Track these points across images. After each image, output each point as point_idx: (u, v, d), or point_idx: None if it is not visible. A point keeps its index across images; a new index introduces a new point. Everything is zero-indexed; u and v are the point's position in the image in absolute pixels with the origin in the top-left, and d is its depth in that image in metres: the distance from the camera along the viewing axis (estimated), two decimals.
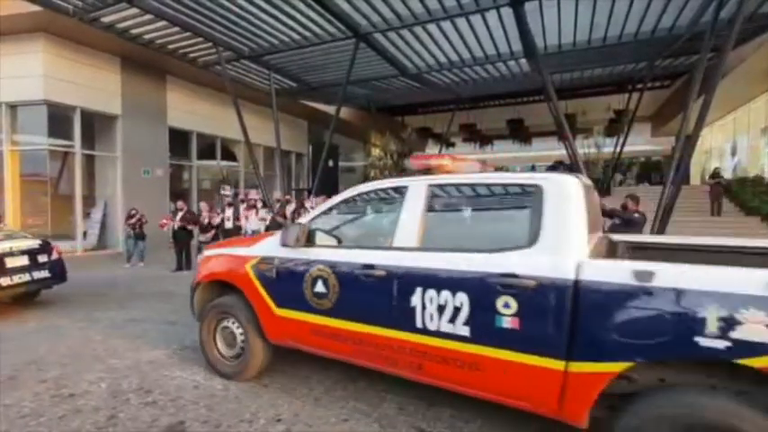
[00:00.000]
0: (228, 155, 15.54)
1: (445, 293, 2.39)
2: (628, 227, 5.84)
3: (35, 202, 10.10)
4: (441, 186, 2.78)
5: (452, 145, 22.75)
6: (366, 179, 21.68)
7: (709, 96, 6.24)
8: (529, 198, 2.40)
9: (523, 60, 10.02)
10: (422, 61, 10.43)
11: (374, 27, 8.17)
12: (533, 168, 22.62)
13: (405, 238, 2.67)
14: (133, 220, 9.27)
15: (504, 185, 2.69)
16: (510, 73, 11.30)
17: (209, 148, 14.50)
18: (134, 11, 7.39)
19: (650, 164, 26.10)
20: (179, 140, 13.11)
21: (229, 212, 8.83)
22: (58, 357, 3.99)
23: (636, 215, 5.76)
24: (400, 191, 2.86)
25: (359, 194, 3.12)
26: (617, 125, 15.22)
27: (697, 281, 1.83)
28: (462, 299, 2.33)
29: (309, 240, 3.04)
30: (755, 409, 1.73)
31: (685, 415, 1.82)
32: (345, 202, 3.15)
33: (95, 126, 11.07)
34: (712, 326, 1.75)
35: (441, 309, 2.40)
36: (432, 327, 2.43)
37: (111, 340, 4.45)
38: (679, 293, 1.84)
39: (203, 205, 9.21)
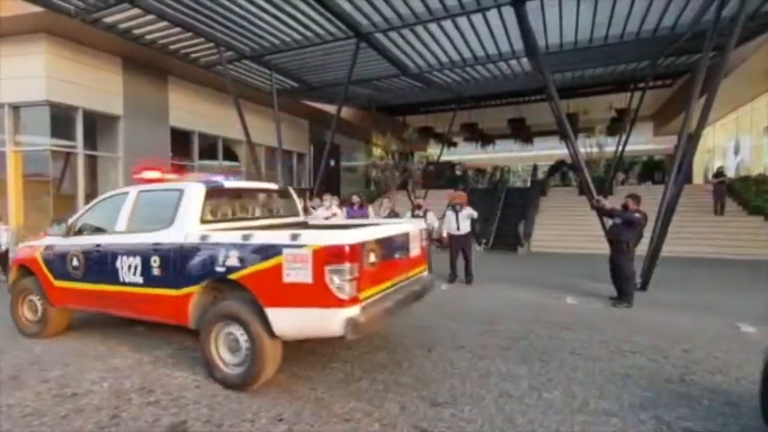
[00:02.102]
0: (230, 155, 15.56)
1: (131, 258, 3.83)
2: (629, 226, 5.85)
3: (38, 202, 10.13)
4: (144, 191, 4.16)
5: (454, 144, 22.76)
6: (368, 179, 21.75)
7: (711, 95, 6.22)
8: (177, 196, 3.80)
9: (525, 59, 10.00)
10: (423, 61, 10.43)
11: (375, 27, 8.17)
12: (535, 168, 22.58)
13: (119, 226, 4.09)
14: None
15: (172, 189, 3.98)
16: (511, 72, 11.28)
17: (210, 148, 14.52)
18: (136, 11, 7.40)
19: (652, 163, 26.02)
20: (181, 140, 13.12)
21: None
22: (60, 357, 4.00)
23: (636, 215, 5.79)
24: (123, 195, 4.25)
25: (105, 198, 4.53)
26: (619, 124, 15.19)
27: (222, 237, 3.42)
28: (138, 261, 3.79)
29: (77, 231, 4.36)
30: (244, 303, 3.24)
31: (225, 311, 3.33)
32: (97, 203, 4.53)
33: (97, 126, 11.09)
34: (222, 260, 3.32)
35: (129, 267, 3.84)
36: (127, 279, 3.86)
37: (112, 340, 4.46)
38: (215, 245, 3.40)
39: None
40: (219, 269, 3.32)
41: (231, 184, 4.27)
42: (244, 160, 15.72)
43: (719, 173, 12.83)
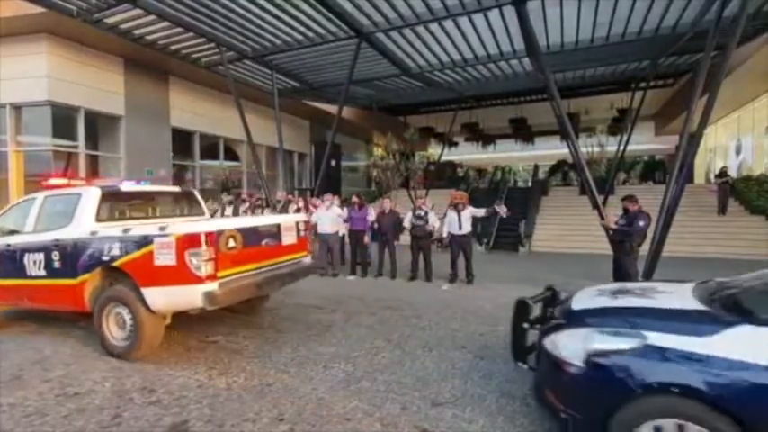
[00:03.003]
0: (231, 155, 15.58)
1: (36, 255, 4.41)
2: (632, 226, 5.93)
3: None
4: (50, 196, 4.75)
5: (455, 144, 22.75)
6: (369, 179, 21.76)
7: (712, 95, 6.20)
8: (76, 200, 4.39)
9: (526, 59, 9.99)
10: (424, 61, 10.42)
11: (376, 27, 8.16)
12: (536, 168, 22.52)
13: (28, 227, 4.63)
14: None
15: (73, 193, 4.57)
16: (512, 72, 11.26)
17: (211, 148, 14.54)
18: (137, 12, 7.41)
19: (654, 163, 25.99)
20: (182, 141, 13.15)
21: (229, 211, 8.84)
22: (62, 357, 4.01)
23: (641, 223, 5.85)
24: (32, 200, 4.81)
25: (16, 204, 5.15)
26: (620, 124, 15.16)
27: (107, 232, 4.03)
28: (41, 256, 4.36)
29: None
30: (127, 286, 3.89)
31: (113, 294, 4.00)
32: (9, 208, 5.13)
33: (99, 126, 11.11)
34: (107, 250, 3.92)
35: (35, 263, 4.41)
36: (33, 273, 4.44)
37: None
38: (102, 238, 4.00)
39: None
40: (105, 258, 3.95)
41: (129, 188, 4.90)
42: (245, 160, 15.75)
43: (723, 173, 12.72)
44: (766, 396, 1.81)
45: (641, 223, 5.84)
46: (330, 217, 8.12)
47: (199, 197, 5.51)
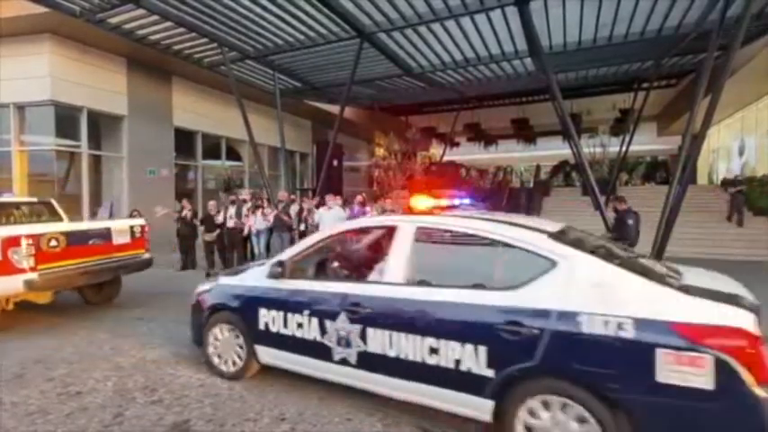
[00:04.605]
0: (233, 155, 15.60)
1: None
2: (624, 225, 6.29)
3: None
4: None
5: (457, 145, 22.72)
6: (371, 179, 21.75)
7: (716, 95, 6.19)
8: None
9: (528, 59, 9.98)
10: (426, 61, 10.41)
11: (378, 27, 8.17)
12: (538, 168, 22.51)
13: None
14: None
15: None
16: (515, 72, 11.25)
17: (214, 148, 14.57)
18: (140, 12, 7.43)
19: (656, 163, 25.93)
20: (184, 140, 13.17)
21: (232, 210, 8.85)
22: (65, 356, 4.02)
23: (630, 222, 6.12)
24: None
25: None
26: (622, 124, 15.13)
27: None
28: None
29: None
30: None
31: None
32: None
33: (102, 126, 11.15)
34: None
35: None
36: None
37: (116, 339, 4.48)
38: None
39: (211, 204, 9.21)
40: None
41: None
42: (247, 160, 15.77)
43: (737, 180, 12.24)
44: (249, 302, 3.35)
45: (630, 222, 6.10)
46: (332, 217, 8.12)
47: (56, 205, 6.32)
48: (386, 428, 2.72)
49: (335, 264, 3.60)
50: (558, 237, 2.56)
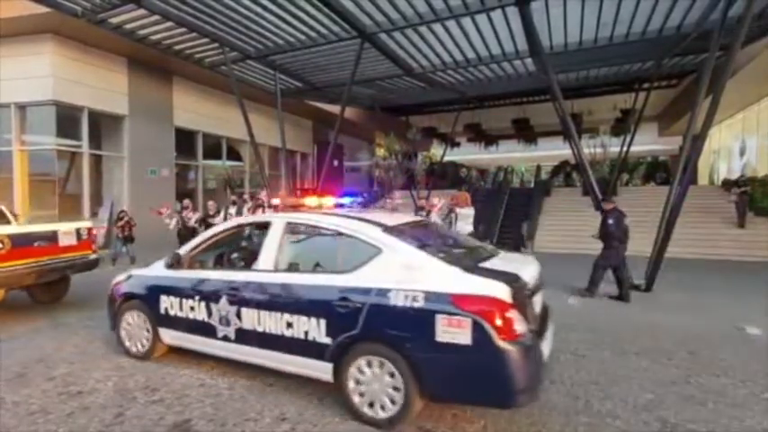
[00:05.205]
0: (234, 155, 15.62)
1: None
2: (605, 223, 6.42)
3: (44, 201, 10.20)
4: None
5: (457, 145, 22.72)
6: (371, 179, 21.75)
7: (717, 96, 6.17)
8: None
9: (529, 60, 9.96)
10: (427, 61, 10.41)
11: (379, 27, 8.16)
12: (539, 168, 22.48)
13: None
14: (121, 223, 9.13)
15: None
16: (515, 72, 11.24)
17: (214, 147, 14.59)
18: (141, 12, 7.44)
19: (657, 164, 25.90)
20: (185, 140, 13.19)
21: (233, 210, 8.86)
22: (66, 355, 4.03)
23: (610, 221, 6.24)
24: None
25: None
26: (623, 125, 15.10)
27: None
28: None
29: None
30: None
31: None
32: None
33: (102, 126, 11.17)
34: None
35: None
36: None
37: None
38: None
39: (211, 204, 9.22)
40: None
41: None
42: (247, 160, 15.78)
43: (742, 181, 12.02)
44: (152, 290, 3.79)
45: (610, 221, 6.24)
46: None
47: (4, 209, 6.37)
48: (387, 428, 2.72)
49: (224, 255, 4.05)
50: (390, 229, 3.07)
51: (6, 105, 9.74)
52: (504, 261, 3.08)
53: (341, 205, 4.23)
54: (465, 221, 7.29)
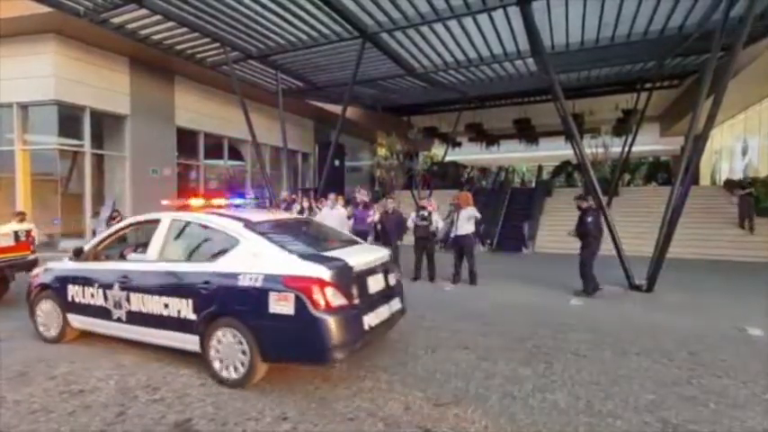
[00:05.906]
0: (235, 154, 15.63)
1: None
2: (582, 221, 6.61)
3: (46, 200, 10.23)
4: None
5: (459, 145, 22.70)
6: (372, 179, 21.75)
7: (719, 96, 6.16)
8: None
9: (530, 60, 9.96)
10: (428, 61, 10.41)
11: (381, 27, 8.17)
12: (540, 169, 22.44)
13: None
14: (114, 222, 9.16)
15: None
16: (517, 72, 11.24)
17: (216, 147, 14.61)
18: (143, 12, 7.46)
19: (659, 164, 25.85)
20: (187, 140, 13.21)
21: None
22: (67, 354, 4.04)
23: (589, 218, 6.45)
24: None
25: None
26: (625, 125, 15.07)
27: None
28: None
29: None
30: None
31: None
32: None
33: (104, 126, 11.19)
34: None
35: None
36: None
37: (118, 338, 4.48)
38: None
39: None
40: None
41: None
42: (249, 160, 15.80)
43: (746, 183, 11.90)
44: (62, 281, 4.26)
45: (588, 219, 6.41)
46: (335, 217, 8.12)
47: None
48: (387, 428, 2.72)
49: (123, 248, 4.56)
50: (250, 225, 3.61)
51: (8, 105, 9.76)
52: (346, 251, 3.64)
53: (237, 206, 4.80)
54: (468, 222, 7.30)
